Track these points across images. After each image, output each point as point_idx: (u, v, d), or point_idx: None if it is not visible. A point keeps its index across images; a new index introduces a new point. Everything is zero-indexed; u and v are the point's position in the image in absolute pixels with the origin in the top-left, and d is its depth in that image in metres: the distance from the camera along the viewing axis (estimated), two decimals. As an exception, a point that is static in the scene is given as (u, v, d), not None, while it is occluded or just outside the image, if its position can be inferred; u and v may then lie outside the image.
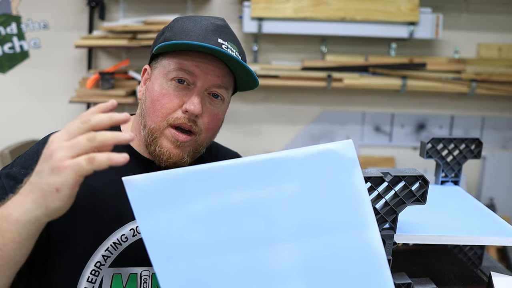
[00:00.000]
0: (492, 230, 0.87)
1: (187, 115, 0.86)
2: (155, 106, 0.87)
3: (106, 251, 0.85)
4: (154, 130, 0.87)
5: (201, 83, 0.86)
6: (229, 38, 0.88)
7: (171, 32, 0.87)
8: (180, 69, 0.85)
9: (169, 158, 0.87)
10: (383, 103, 2.76)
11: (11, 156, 2.23)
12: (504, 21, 2.68)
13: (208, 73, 0.86)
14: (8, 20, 2.60)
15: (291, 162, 0.64)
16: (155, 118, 0.87)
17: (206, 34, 0.85)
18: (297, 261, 0.63)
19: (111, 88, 2.45)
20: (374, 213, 0.77)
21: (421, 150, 1.11)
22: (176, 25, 0.88)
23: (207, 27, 0.86)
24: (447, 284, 0.98)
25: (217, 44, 0.84)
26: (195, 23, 0.87)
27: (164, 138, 0.87)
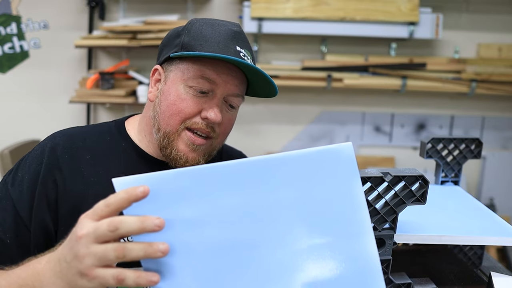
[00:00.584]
0: (492, 230, 0.87)
1: (206, 121, 0.87)
2: (171, 110, 0.86)
3: None
4: (170, 133, 0.87)
5: (221, 91, 0.87)
6: (245, 45, 0.89)
7: (189, 37, 0.86)
8: (201, 77, 0.85)
9: (186, 162, 0.88)
10: (383, 103, 2.76)
11: (11, 156, 2.23)
12: (504, 21, 2.68)
13: (228, 82, 0.86)
14: (8, 20, 2.60)
15: (288, 164, 0.63)
16: (171, 122, 0.87)
17: (226, 42, 0.85)
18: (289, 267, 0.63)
19: (111, 88, 2.45)
20: (374, 213, 0.77)
21: (421, 150, 1.11)
22: (194, 29, 0.87)
23: (225, 34, 0.86)
24: (447, 284, 0.98)
25: (235, 53, 0.85)
26: (213, 28, 0.87)
27: (180, 141, 0.87)
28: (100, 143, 0.91)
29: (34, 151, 0.90)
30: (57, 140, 0.89)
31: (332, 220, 0.64)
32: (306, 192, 0.64)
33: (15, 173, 0.87)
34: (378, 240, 0.79)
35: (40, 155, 0.87)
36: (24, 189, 0.84)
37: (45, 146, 0.89)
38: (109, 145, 0.92)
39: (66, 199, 0.85)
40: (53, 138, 0.91)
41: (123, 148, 0.92)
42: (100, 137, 0.92)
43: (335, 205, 0.64)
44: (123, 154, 0.91)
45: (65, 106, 2.64)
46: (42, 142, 0.91)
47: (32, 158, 0.88)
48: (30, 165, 0.87)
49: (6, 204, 0.84)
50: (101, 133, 0.93)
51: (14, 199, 0.84)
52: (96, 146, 0.90)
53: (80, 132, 0.93)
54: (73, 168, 0.87)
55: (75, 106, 2.67)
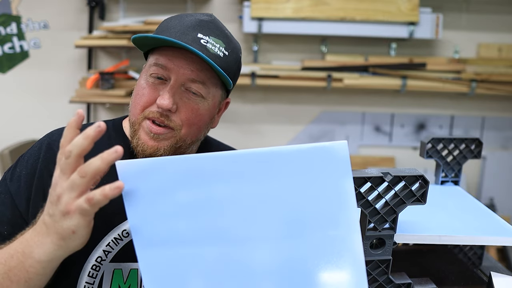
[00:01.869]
0: (492, 230, 0.87)
1: (159, 109, 0.86)
2: (135, 100, 0.89)
3: (107, 246, 0.86)
4: (134, 123, 0.89)
5: (175, 77, 0.86)
6: (212, 33, 0.87)
7: (156, 30, 0.90)
8: (156, 64, 0.87)
9: (143, 150, 0.87)
10: (383, 103, 2.76)
11: (11, 156, 2.23)
12: (504, 21, 2.68)
13: (182, 67, 0.85)
14: (8, 20, 2.60)
15: (280, 158, 0.63)
16: (134, 112, 0.89)
17: (186, 30, 0.85)
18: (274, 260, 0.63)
19: (111, 88, 2.45)
20: (374, 213, 0.77)
21: (421, 150, 1.11)
22: (163, 23, 0.90)
23: (189, 23, 0.86)
24: (447, 284, 0.98)
25: (195, 39, 0.84)
26: (179, 20, 0.88)
27: (141, 130, 0.88)
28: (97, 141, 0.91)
29: (32, 148, 0.91)
30: (55, 137, 0.91)
31: (320, 217, 0.64)
32: (296, 188, 0.64)
33: (14, 169, 0.89)
34: (378, 240, 0.79)
35: (38, 151, 0.89)
36: (21, 184, 0.86)
37: (42, 142, 0.91)
38: (105, 143, 0.91)
39: None
40: (51, 135, 0.93)
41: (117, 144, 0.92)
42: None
43: (324, 203, 0.64)
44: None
45: (65, 106, 2.63)
46: (40, 139, 0.93)
47: (30, 155, 0.90)
48: (27, 161, 0.89)
49: (4, 198, 0.86)
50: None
51: (12, 193, 0.86)
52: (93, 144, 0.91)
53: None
54: None
55: (75, 106, 2.66)
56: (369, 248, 0.78)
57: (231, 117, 2.70)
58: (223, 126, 0.97)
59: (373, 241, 0.79)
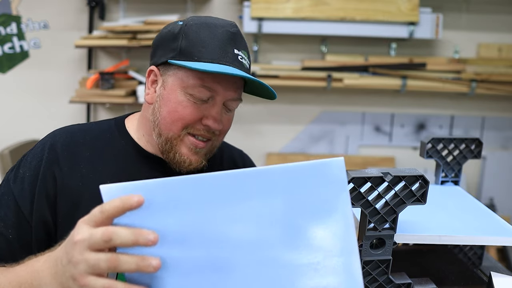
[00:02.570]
0: (492, 230, 0.87)
1: (207, 128, 0.88)
2: (173, 116, 0.87)
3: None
4: (172, 138, 0.89)
5: (221, 98, 0.88)
6: (242, 46, 0.89)
7: (187, 42, 0.86)
8: (201, 85, 0.86)
9: (190, 165, 0.90)
10: (383, 103, 2.76)
11: (11, 156, 2.23)
12: (504, 21, 2.68)
13: (228, 89, 0.88)
14: (8, 20, 2.60)
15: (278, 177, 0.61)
16: (174, 128, 0.88)
17: (224, 47, 0.86)
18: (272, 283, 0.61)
19: (111, 88, 2.45)
20: (374, 213, 0.77)
21: (421, 150, 1.11)
22: (191, 32, 0.87)
23: (223, 37, 0.86)
24: (447, 284, 0.98)
25: (233, 56, 0.86)
26: (210, 31, 0.86)
27: (183, 145, 0.89)
28: (100, 141, 0.93)
29: (34, 149, 0.91)
30: (57, 138, 0.91)
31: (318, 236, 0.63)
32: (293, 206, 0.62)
33: (17, 170, 0.89)
34: (378, 240, 0.79)
35: (40, 152, 0.89)
36: (25, 186, 0.86)
37: (45, 143, 0.90)
38: (109, 142, 0.93)
39: (64, 195, 0.86)
40: (53, 136, 0.92)
41: (123, 146, 0.94)
42: (100, 135, 0.94)
43: (321, 221, 0.63)
44: (122, 152, 0.93)
45: (65, 106, 2.64)
46: (42, 140, 0.92)
47: (33, 155, 0.89)
48: (31, 162, 0.88)
49: (8, 200, 0.86)
50: (101, 130, 0.95)
51: (15, 195, 0.85)
52: (96, 143, 0.92)
53: (80, 129, 0.94)
54: (72, 165, 0.88)
55: (75, 106, 2.67)
56: (369, 248, 0.78)
57: (231, 117, 2.70)
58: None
59: (373, 241, 0.79)
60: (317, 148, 2.80)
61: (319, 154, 2.77)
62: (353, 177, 0.73)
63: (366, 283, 0.80)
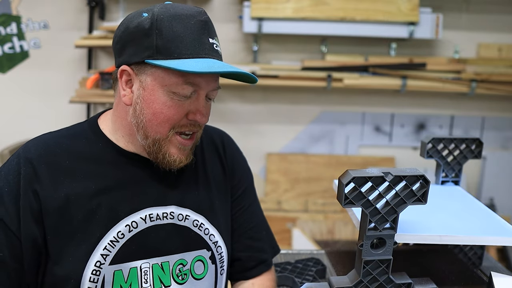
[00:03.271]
0: (492, 230, 0.87)
1: (193, 122, 0.88)
2: (159, 118, 0.86)
3: (105, 250, 0.86)
4: (160, 140, 0.88)
5: (204, 91, 0.88)
6: (214, 33, 0.88)
7: (162, 39, 0.82)
8: (185, 82, 0.84)
9: (180, 163, 0.90)
10: (383, 103, 2.76)
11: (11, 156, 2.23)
12: (504, 21, 2.68)
13: (210, 81, 0.87)
14: (8, 20, 2.60)
15: None
16: (161, 129, 0.87)
17: (200, 38, 0.84)
18: None
19: (111, 88, 2.45)
20: (375, 212, 0.77)
21: (421, 150, 1.11)
22: (163, 27, 0.83)
23: (196, 28, 0.84)
24: (447, 284, 0.98)
25: (210, 47, 0.85)
26: (182, 23, 0.83)
27: (171, 145, 0.88)
28: (76, 146, 0.90)
29: (8, 163, 0.87)
30: (32, 150, 0.87)
31: None
32: None
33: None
34: (378, 240, 0.79)
35: (16, 166, 0.85)
36: (6, 201, 0.83)
37: (19, 156, 0.86)
38: (86, 147, 0.90)
39: (49, 209, 0.83)
40: (27, 148, 0.88)
41: (101, 148, 0.91)
42: (75, 140, 0.91)
43: None
44: (101, 154, 0.90)
45: (65, 106, 2.63)
46: (16, 153, 0.88)
47: (8, 170, 0.85)
48: (6, 176, 0.85)
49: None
50: (76, 136, 0.92)
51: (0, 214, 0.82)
52: (73, 150, 0.89)
53: (53, 138, 0.91)
54: (51, 176, 0.85)
55: (75, 106, 2.66)
56: (370, 248, 0.78)
57: (231, 117, 2.70)
58: (223, 126, 0.98)
59: (373, 241, 0.79)
60: (317, 148, 2.80)
61: (319, 154, 2.77)
62: (354, 176, 0.73)
63: (366, 283, 0.81)
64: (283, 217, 2.63)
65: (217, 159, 1.03)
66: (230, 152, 1.06)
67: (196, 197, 0.96)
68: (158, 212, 0.90)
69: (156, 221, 0.90)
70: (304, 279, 1.15)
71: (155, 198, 0.91)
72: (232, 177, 1.04)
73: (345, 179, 0.74)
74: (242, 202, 1.04)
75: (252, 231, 1.04)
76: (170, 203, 0.92)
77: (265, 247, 1.05)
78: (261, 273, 1.03)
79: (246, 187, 1.06)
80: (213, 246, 0.96)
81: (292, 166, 2.74)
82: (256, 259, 1.03)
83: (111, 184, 0.88)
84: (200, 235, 0.94)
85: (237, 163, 1.06)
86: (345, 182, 0.73)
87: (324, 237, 2.61)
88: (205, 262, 0.95)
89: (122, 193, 0.88)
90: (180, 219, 0.92)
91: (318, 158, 2.75)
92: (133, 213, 0.88)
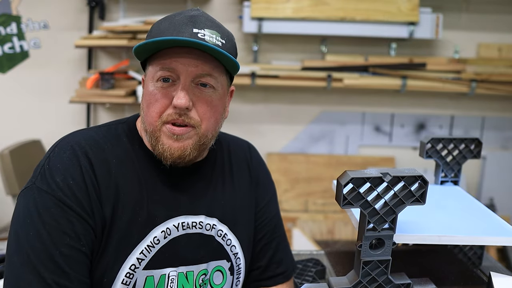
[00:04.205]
0: (492, 230, 0.87)
1: (177, 110, 0.86)
2: (149, 109, 0.88)
3: (141, 254, 0.86)
4: (154, 131, 0.88)
5: (184, 76, 0.86)
6: (205, 26, 0.87)
7: (149, 36, 0.88)
8: (161, 68, 0.86)
9: (171, 154, 0.87)
10: (383, 103, 2.76)
11: (11, 156, 2.23)
12: (504, 21, 2.68)
13: (188, 65, 0.86)
14: (8, 20, 2.60)
15: None
16: (151, 120, 0.88)
17: (180, 28, 0.85)
18: None
19: (111, 88, 2.45)
20: (374, 213, 0.77)
21: (420, 150, 1.11)
22: (154, 28, 0.89)
23: (181, 21, 0.86)
24: (447, 284, 0.98)
25: (191, 35, 0.84)
26: (169, 21, 0.87)
27: (163, 135, 0.88)
28: (119, 147, 0.91)
29: (59, 155, 0.85)
30: (82, 143, 0.87)
31: None
32: None
33: (51, 178, 0.82)
34: (377, 241, 0.79)
35: (74, 159, 0.84)
36: (76, 193, 0.82)
37: (73, 149, 0.86)
38: (127, 148, 0.92)
39: (104, 201, 0.84)
40: (78, 142, 0.87)
41: (137, 150, 0.93)
42: (118, 140, 0.92)
43: None
44: (139, 156, 0.92)
45: (65, 106, 2.64)
46: (63, 146, 0.87)
47: (65, 163, 0.84)
48: (67, 169, 0.83)
49: (64, 212, 0.80)
50: (118, 135, 0.93)
51: (71, 205, 0.81)
52: (117, 149, 0.90)
53: (98, 134, 0.91)
54: (104, 171, 0.86)
55: (75, 106, 2.67)
56: (369, 248, 0.78)
57: (231, 117, 2.70)
58: (223, 126, 0.97)
59: (372, 242, 0.79)
60: (317, 148, 2.80)
61: (319, 154, 2.77)
62: (352, 177, 0.73)
63: (365, 283, 0.80)
64: (283, 217, 2.60)
65: (244, 168, 1.03)
66: (256, 162, 1.07)
67: (222, 206, 0.96)
68: (189, 221, 0.91)
69: (187, 229, 0.91)
70: (304, 280, 1.15)
71: (187, 206, 0.91)
72: (257, 187, 1.04)
73: (343, 180, 0.74)
74: (266, 213, 1.04)
75: (274, 242, 1.04)
76: (200, 213, 0.93)
77: (286, 259, 1.05)
78: (279, 284, 1.03)
79: (270, 198, 1.06)
80: (233, 257, 0.96)
81: (292, 166, 2.74)
82: (275, 270, 1.03)
83: (151, 187, 0.89)
84: (223, 246, 0.95)
85: (262, 174, 1.06)
86: (344, 183, 0.73)
87: (324, 237, 2.61)
88: (224, 272, 0.95)
89: (160, 198, 0.89)
90: (207, 228, 0.93)
91: (318, 158, 2.75)
92: (168, 219, 0.89)
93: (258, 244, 1.02)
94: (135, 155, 0.91)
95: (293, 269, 1.07)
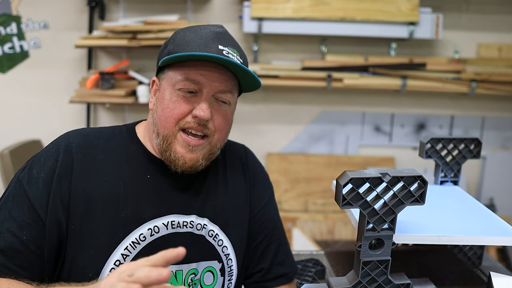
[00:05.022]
0: (492, 230, 0.87)
1: (197, 120, 0.90)
2: (166, 113, 0.90)
3: (125, 250, 0.87)
4: (167, 136, 0.91)
5: (207, 90, 0.90)
6: (229, 44, 0.92)
7: (174, 45, 0.91)
8: (186, 79, 0.89)
9: (184, 163, 0.91)
10: (383, 103, 2.76)
11: (11, 156, 2.23)
12: (504, 21, 2.68)
13: (213, 80, 0.90)
14: (8, 20, 2.60)
15: None
16: (167, 124, 0.90)
17: (207, 43, 0.89)
18: None
19: (111, 88, 2.45)
20: (373, 213, 0.77)
21: (420, 150, 1.11)
22: (178, 37, 0.92)
23: (207, 35, 0.90)
24: (447, 284, 0.98)
25: (218, 51, 0.88)
26: (195, 33, 0.91)
27: (177, 143, 0.91)
28: (112, 144, 0.94)
29: (48, 149, 0.91)
30: (71, 139, 0.91)
31: None
32: None
33: (30, 170, 0.88)
34: (377, 241, 0.79)
35: (55, 153, 0.89)
36: (40, 186, 0.85)
37: (59, 144, 0.90)
38: (121, 146, 0.95)
39: (77, 199, 0.86)
40: (67, 137, 0.92)
41: (133, 150, 0.95)
42: (113, 138, 0.95)
43: None
44: (133, 156, 0.94)
45: (65, 106, 2.64)
46: (56, 141, 0.92)
47: (46, 156, 0.89)
48: (45, 163, 0.88)
49: (21, 201, 0.85)
50: (114, 134, 0.96)
51: (30, 196, 0.85)
52: (109, 146, 0.93)
53: (93, 132, 0.95)
54: (87, 167, 0.89)
55: (75, 106, 2.67)
56: (368, 248, 0.78)
57: (231, 117, 2.70)
58: (223, 126, 0.99)
59: (372, 242, 0.79)
60: (317, 148, 2.80)
61: (319, 154, 2.77)
62: (352, 177, 0.73)
63: (365, 283, 0.81)
64: (283, 217, 2.60)
65: (239, 170, 1.05)
66: (252, 164, 1.08)
67: (214, 207, 0.97)
68: (180, 220, 0.92)
69: (177, 228, 0.92)
70: (304, 280, 1.15)
71: (179, 206, 0.93)
72: (253, 189, 1.05)
73: (342, 180, 0.74)
74: (265, 215, 1.05)
75: (275, 244, 1.04)
76: (192, 212, 0.94)
77: (288, 261, 1.05)
78: (281, 285, 1.03)
79: (268, 200, 1.07)
80: (224, 258, 0.97)
81: (292, 166, 2.74)
82: (278, 272, 1.03)
83: (140, 186, 0.91)
84: (214, 246, 0.96)
85: (258, 176, 1.08)
86: (343, 183, 0.73)
87: (324, 237, 2.61)
88: (215, 273, 0.96)
89: (149, 197, 0.91)
90: (198, 228, 0.94)
91: (318, 158, 2.75)
92: (157, 218, 0.90)
93: (259, 246, 1.03)
94: (129, 153, 0.94)
95: (295, 271, 1.07)
